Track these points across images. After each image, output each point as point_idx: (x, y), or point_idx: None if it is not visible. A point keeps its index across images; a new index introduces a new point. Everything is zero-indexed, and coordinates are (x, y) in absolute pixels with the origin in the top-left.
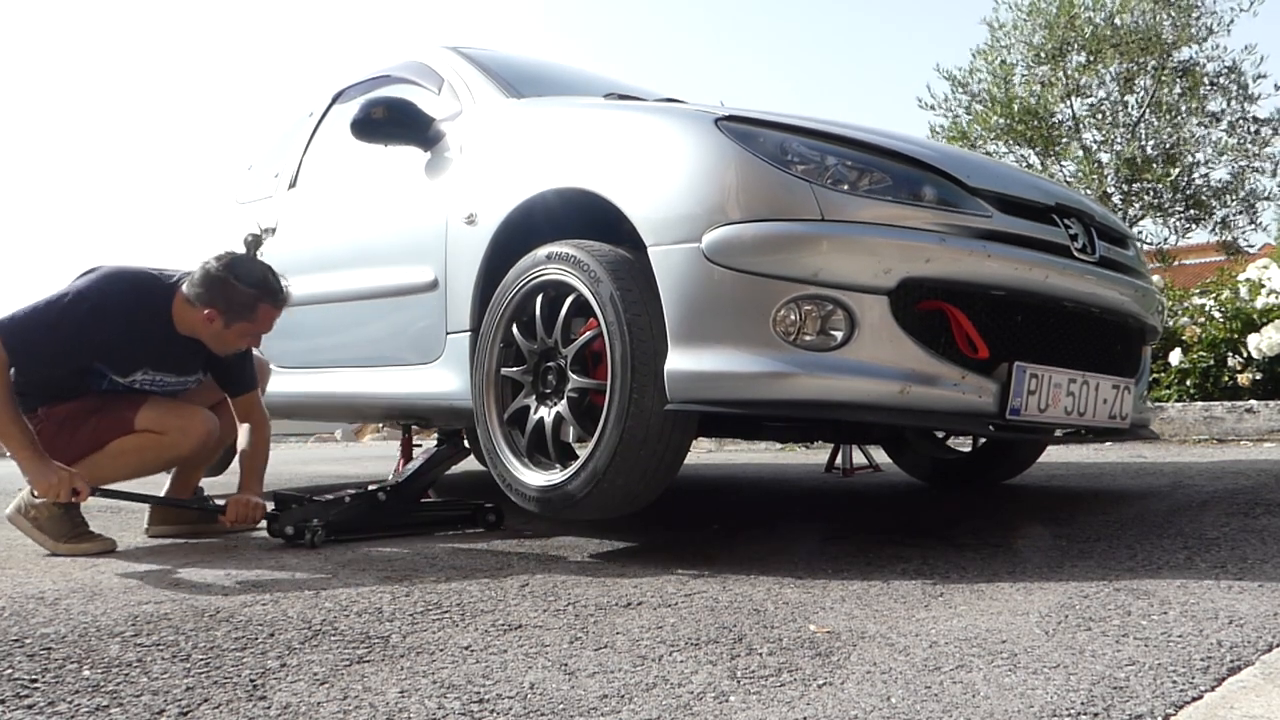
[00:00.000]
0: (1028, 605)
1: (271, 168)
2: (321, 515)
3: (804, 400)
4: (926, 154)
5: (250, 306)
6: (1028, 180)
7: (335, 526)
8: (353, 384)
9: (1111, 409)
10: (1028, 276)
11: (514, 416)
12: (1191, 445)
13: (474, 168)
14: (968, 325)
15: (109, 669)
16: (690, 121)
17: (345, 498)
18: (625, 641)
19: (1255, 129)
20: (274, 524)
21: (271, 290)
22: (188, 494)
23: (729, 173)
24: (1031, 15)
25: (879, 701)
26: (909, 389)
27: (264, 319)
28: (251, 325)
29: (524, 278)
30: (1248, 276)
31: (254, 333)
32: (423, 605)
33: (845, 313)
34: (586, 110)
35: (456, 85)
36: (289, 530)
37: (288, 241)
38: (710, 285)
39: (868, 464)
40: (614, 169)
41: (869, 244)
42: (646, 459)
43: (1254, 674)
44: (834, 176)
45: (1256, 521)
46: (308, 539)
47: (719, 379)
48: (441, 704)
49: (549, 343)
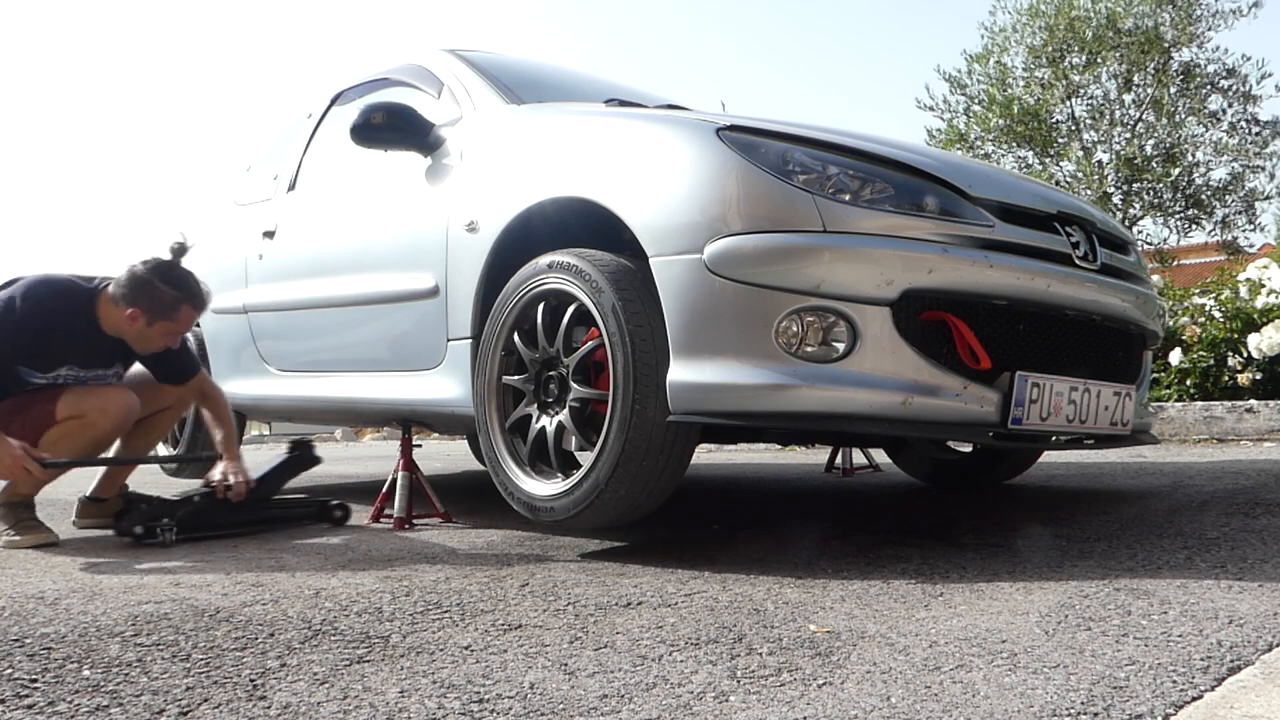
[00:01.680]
0: (1028, 605)
1: (270, 169)
2: (170, 514)
3: (806, 412)
4: (928, 163)
5: (173, 307)
6: (1030, 188)
7: (185, 524)
8: (353, 389)
9: (1113, 416)
10: (1030, 286)
11: (516, 425)
12: (1191, 445)
13: (475, 175)
14: (970, 336)
15: (109, 669)
16: (692, 131)
17: (195, 497)
18: (625, 641)
19: (1256, 129)
20: (121, 523)
21: (193, 293)
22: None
23: (730, 183)
24: (1032, 17)
25: (879, 701)
26: (911, 400)
27: (184, 319)
28: (173, 325)
29: (525, 286)
30: (1248, 276)
31: (174, 332)
32: (423, 605)
33: (847, 324)
34: (587, 118)
35: (456, 90)
36: (138, 530)
37: (287, 245)
38: (712, 296)
39: (868, 464)
40: (615, 178)
41: (871, 255)
42: (649, 469)
43: (1254, 674)
44: (836, 187)
45: (1256, 521)
46: (160, 537)
47: (721, 391)
48: (441, 704)
49: (550, 352)
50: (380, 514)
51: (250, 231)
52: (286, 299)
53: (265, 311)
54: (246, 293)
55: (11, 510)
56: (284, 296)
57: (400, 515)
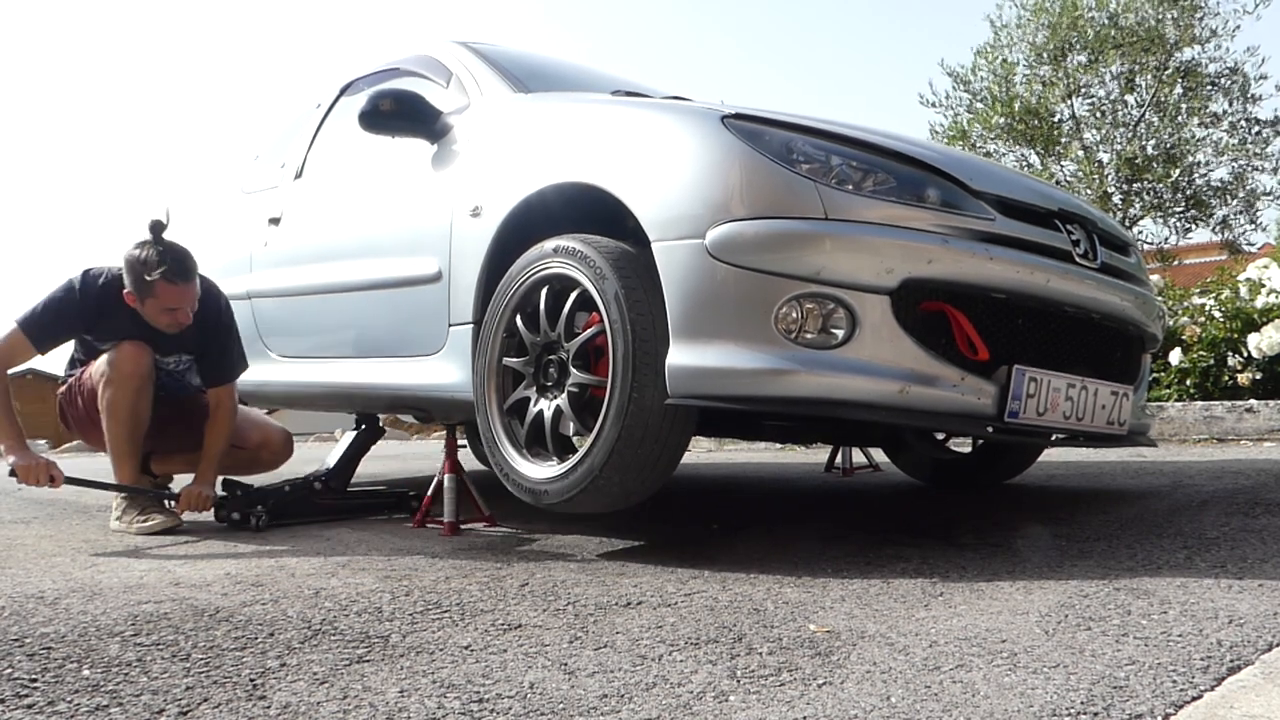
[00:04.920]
0: (1028, 605)
1: (278, 158)
2: (264, 501)
3: (804, 397)
4: (930, 156)
5: (150, 284)
6: (1030, 185)
7: (276, 511)
8: (354, 374)
9: (1110, 415)
10: (1029, 280)
11: (514, 407)
12: (1191, 445)
13: (480, 161)
14: (968, 327)
15: (109, 669)
16: (697, 119)
17: (285, 487)
18: (625, 641)
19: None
20: (221, 510)
21: (167, 267)
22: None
23: (734, 170)
24: (1035, 14)
25: (879, 701)
26: (908, 389)
27: (164, 294)
28: (158, 301)
29: (530, 269)
30: (1248, 276)
31: (164, 307)
32: (423, 605)
33: (847, 311)
34: (593, 106)
35: (464, 79)
36: (235, 516)
37: (293, 232)
38: (713, 281)
39: (868, 464)
40: (620, 165)
41: (872, 244)
42: (644, 456)
43: (1254, 673)
44: (838, 176)
45: (1256, 521)
46: (253, 523)
47: (720, 374)
48: (441, 704)
49: (552, 336)
50: (426, 517)
51: (256, 219)
52: (290, 285)
53: (269, 297)
54: (251, 279)
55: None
56: (288, 283)
57: (451, 520)
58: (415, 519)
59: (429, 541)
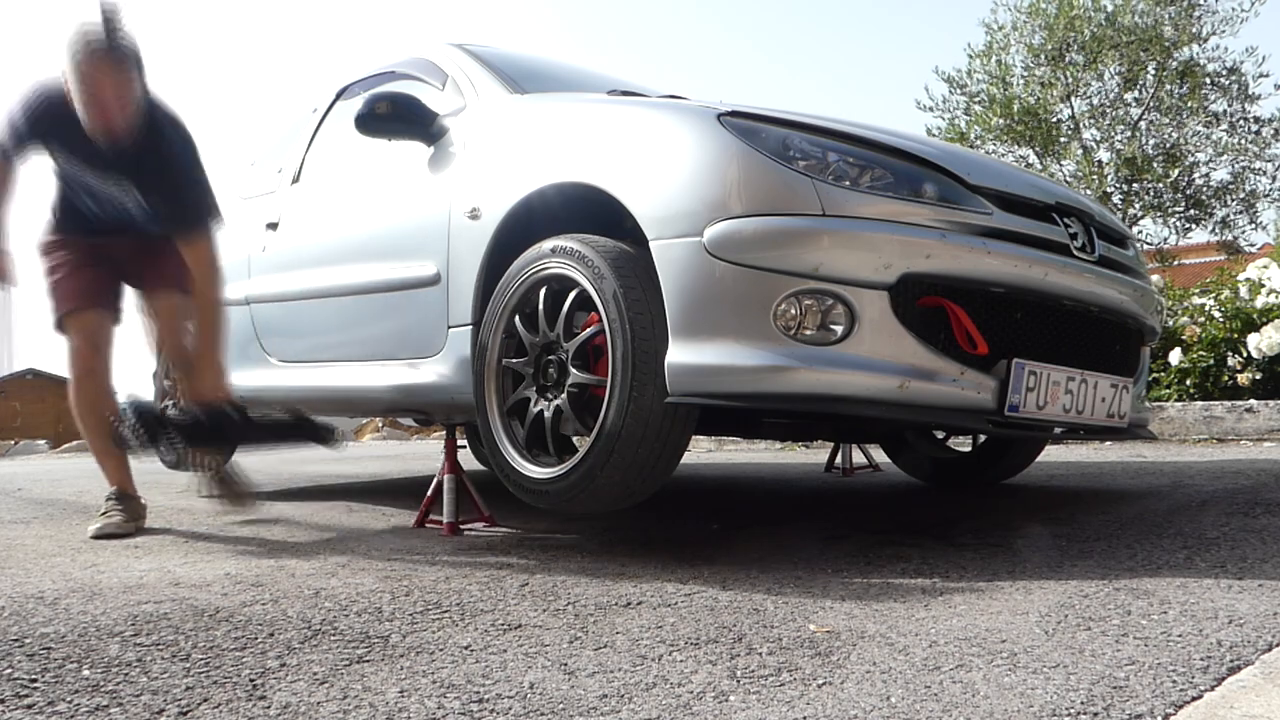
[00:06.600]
0: (1028, 605)
1: (275, 163)
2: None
3: (803, 394)
4: (928, 151)
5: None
6: (1028, 179)
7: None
8: (353, 378)
9: (1110, 408)
10: (1027, 274)
11: (514, 408)
12: (1191, 445)
13: (477, 162)
14: (967, 321)
15: (109, 669)
16: (693, 117)
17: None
18: (625, 641)
19: (1256, 129)
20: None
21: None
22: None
23: (731, 168)
24: (1031, 16)
25: (879, 701)
26: (908, 384)
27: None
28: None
29: (528, 270)
30: (1248, 276)
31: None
32: (422, 605)
33: (845, 308)
34: (589, 105)
35: (460, 81)
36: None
37: (290, 236)
38: (711, 279)
39: (868, 464)
40: (617, 164)
41: (870, 240)
42: (644, 456)
43: (1254, 674)
44: (836, 172)
45: (1256, 521)
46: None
47: (719, 372)
48: (441, 704)
49: (551, 336)
50: (425, 518)
51: (254, 224)
52: (288, 289)
53: (267, 303)
54: (249, 284)
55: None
56: (286, 287)
57: (450, 520)
58: (415, 519)
59: (429, 541)
